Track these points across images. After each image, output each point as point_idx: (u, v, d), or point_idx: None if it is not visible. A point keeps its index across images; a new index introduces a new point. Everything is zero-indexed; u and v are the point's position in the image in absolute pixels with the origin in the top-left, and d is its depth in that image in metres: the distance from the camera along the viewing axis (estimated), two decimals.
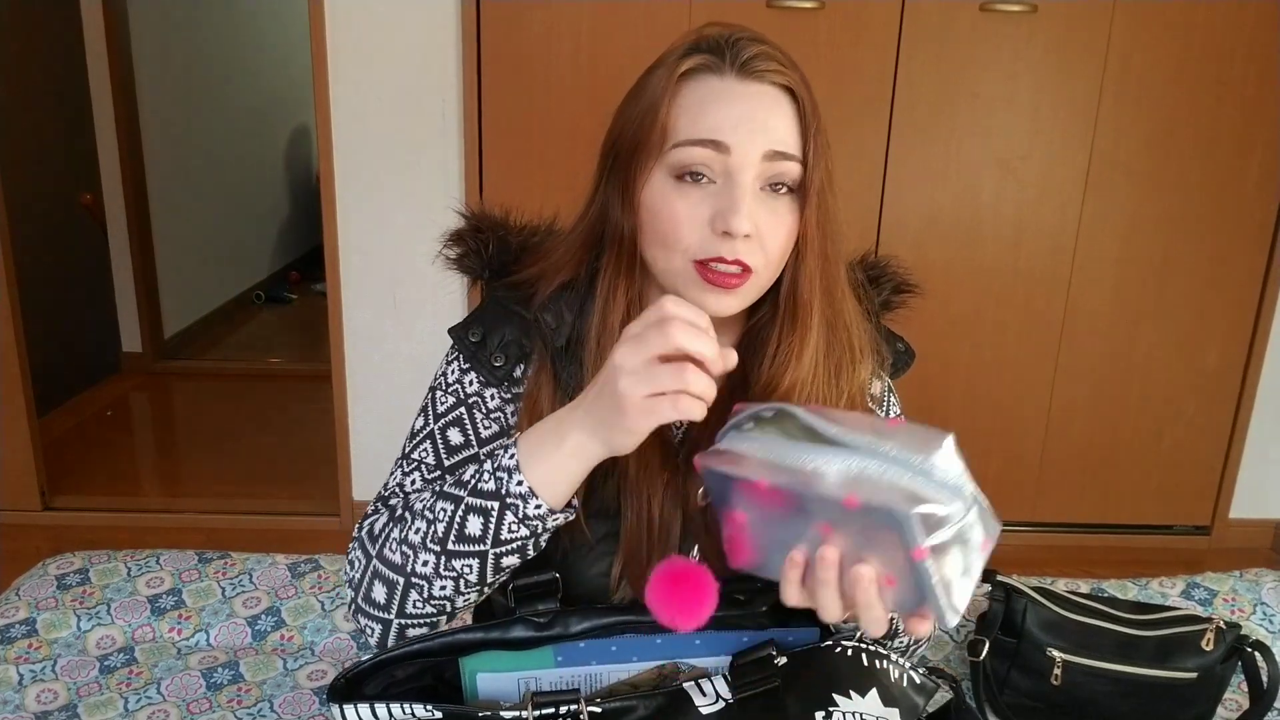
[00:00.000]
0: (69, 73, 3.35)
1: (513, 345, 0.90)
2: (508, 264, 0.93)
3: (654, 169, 0.83)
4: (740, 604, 0.87)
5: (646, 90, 0.84)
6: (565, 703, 0.79)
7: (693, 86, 0.82)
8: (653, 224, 0.83)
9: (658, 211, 0.82)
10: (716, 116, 0.81)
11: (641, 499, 0.86)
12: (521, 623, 0.84)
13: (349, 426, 2.60)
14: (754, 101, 0.82)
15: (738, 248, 0.80)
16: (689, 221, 0.81)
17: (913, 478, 0.64)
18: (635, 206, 0.84)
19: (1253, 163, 2.40)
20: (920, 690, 0.86)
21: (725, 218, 0.79)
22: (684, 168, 0.81)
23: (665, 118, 0.82)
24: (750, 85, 0.82)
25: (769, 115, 0.82)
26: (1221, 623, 1.31)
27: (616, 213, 0.86)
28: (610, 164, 0.87)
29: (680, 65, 0.83)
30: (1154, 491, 2.65)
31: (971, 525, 0.65)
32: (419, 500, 0.84)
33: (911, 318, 1.02)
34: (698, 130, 0.81)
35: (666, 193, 0.82)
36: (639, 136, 0.83)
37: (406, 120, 2.38)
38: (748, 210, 0.79)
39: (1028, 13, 2.28)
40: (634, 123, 0.84)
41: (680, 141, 0.81)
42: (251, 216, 4.68)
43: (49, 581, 1.52)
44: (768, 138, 0.81)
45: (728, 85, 0.82)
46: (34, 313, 2.77)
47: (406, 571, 0.83)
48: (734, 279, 0.81)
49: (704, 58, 0.83)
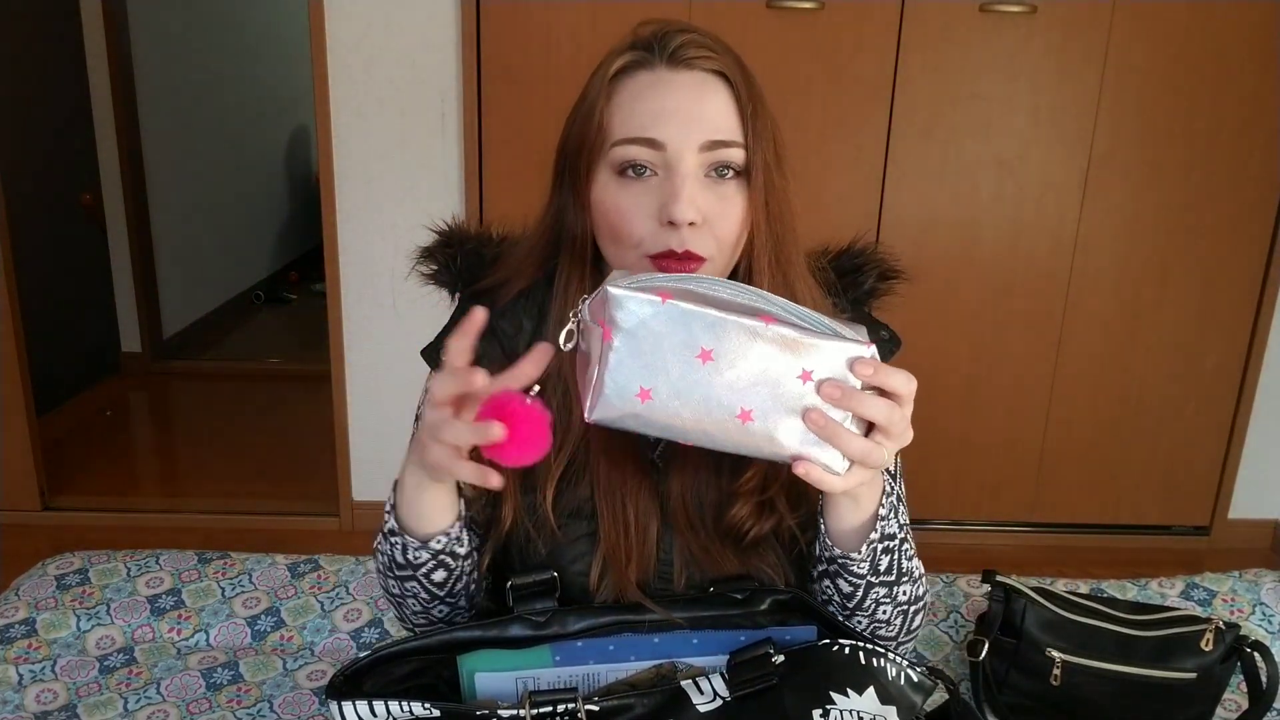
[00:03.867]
0: (69, 73, 3.35)
1: (483, 359, 0.91)
2: (481, 276, 0.94)
3: (598, 168, 0.85)
4: (738, 603, 0.87)
5: (587, 94, 0.86)
6: (563, 701, 0.80)
7: (626, 84, 0.84)
8: (603, 221, 0.85)
9: (606, 209, 0.84)
10: (649, 111, 0.82)
11: (616, 501, 0.87)
12: (519, 621, 0.85)
13: (348, 426, 2.60)
14: (685, 91, 0.83)
15: (685, 237, 0.81)
16: (636, 215, 0.83)
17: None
18: (586, 206, 0.86)
19: (1252, 163, 2.40)
20: (918, 688, 0.86)
21: (668, 208, 0.81)
22: (624, 164, 0.83)
23: (602, 118, 0.84)
24: (680, 74, 0.83)
25: (702, 104, 0.83)
26: (1221, 623, 1.31)
27: (570, 214, 0.88)
28: (561, 168, 0.89)
29: (612, 64, 0.85)
30: (1153, 492, 2.65)
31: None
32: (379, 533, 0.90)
33: (911, 317, 1.02)
34: (631, 128, 0.82)
35: (611, 189, 0.84)
36: (581, 139, 0.85)
37: (406, 120, 2.38)
38: (688, 197, 0.81)
39: (1027, 13, 2.28)
40: (577, 126, 0.86)
41: (617, 140, 0.83)
42: (251, 216, 4.68)
43: (49, 581, 1.52)
44: (703, 127, 0.82)
45: (658, 77, 0.83)
46: (34, 313, 2.77)
47: (391, 592, 0.91)
48: (687, 266, 0.82)
49: (635, 54, 0.84)
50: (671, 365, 0.70)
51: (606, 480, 0.87)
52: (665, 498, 0.89)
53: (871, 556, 0.84)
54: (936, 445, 2.55)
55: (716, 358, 0.70)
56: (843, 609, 0.89)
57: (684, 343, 0.70)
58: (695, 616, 0.86)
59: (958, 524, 2.65)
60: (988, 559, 1.83)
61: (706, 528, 0.89)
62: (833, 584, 0.88)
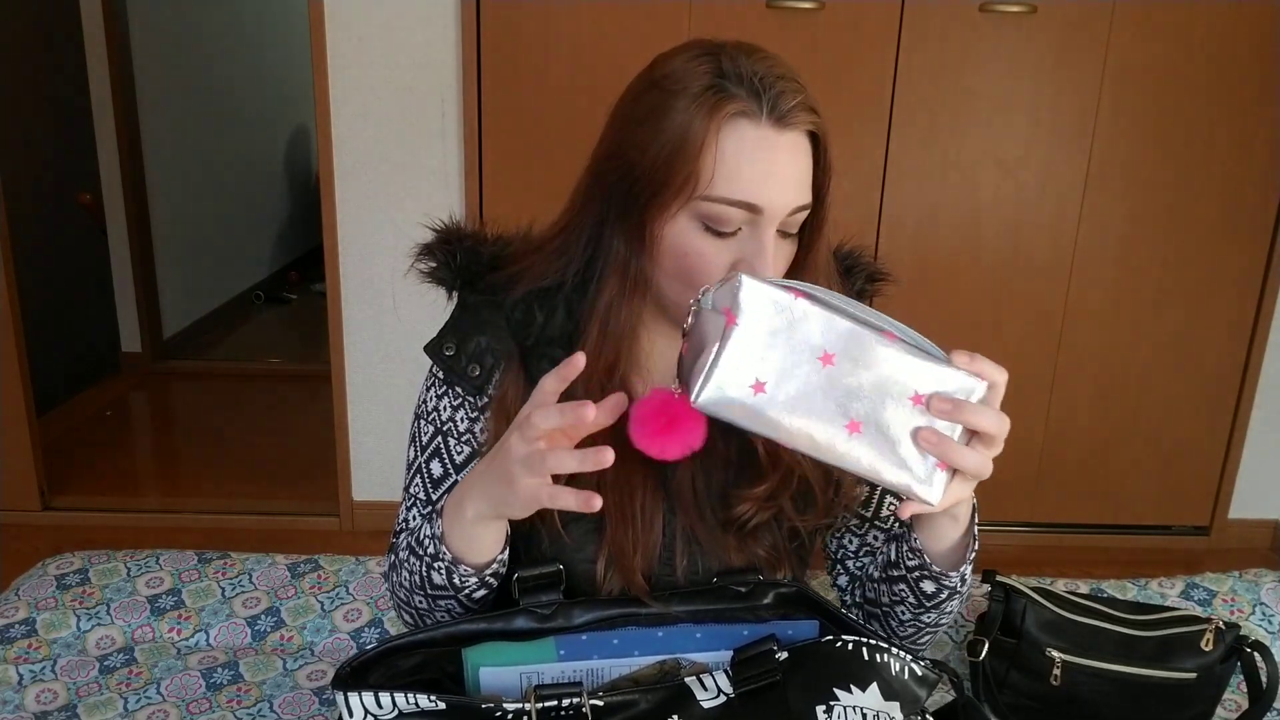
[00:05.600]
0: (69, 73, 3.35)
1: (486, 354, 0.91)
2: (479, 274, 0.94)
3: (679, 211, 0.82)
4: (741, 596, 0.88)
5: (672, 123, 0.80)
6: (567, 696, 0.80)
7: (729, 134, 0.80)
8: (673, 262, 0.84)
9: (684, 254, 0.83)
10: (753, 174, 0.80)
11: (622, 492, 0.87)
12: (524, 614, 0.85)
13: (348, 426, 2.60)
14: (787, 155, 0.81)
15: None
16: (715, 264, 0.83)
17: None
18: (651, 241, 0.84)
19: (1253, 163, 2.40)
20: (922, 682, 0.86)
21: (750, 266, 0.81)
22: (714, 220, 0.81)
23: (701, 164, 0.80)
24: (784, 136, 0.81)
25: (798, 168, 0.82)
26: (1221, 623, 1.31)
27: (621, 240, 0.86)
28: (616, 186, 0.85)
29: (719, 109, 0.79)
30: (1153, 492, 2.65)
31: None
32: (402, 549, 0.91)
33: (910, 317, 1.03)
34: (734, 190, 0.80)
35: (692, 237, 0.83)
36: (667, 175, 0.81)
37: (406, 120, 2.38)
38: (772, 259, 0.82)
39: (1027, 13, 2.28)
40: (659, 157, 0.81)
41: (714, 197, 0.80)
42: (251, 216, 4.68)
43: (49, 581, 1.52)
44: (795, 194, 0.82)
45: (763, 136, 0.80)
46: (34, 313, 2.77)
47: (413, 606, 0.91)
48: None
49: (742, 103, 0.80)
50: (791, 361, 0.69)
51: (614, 472, 0.87)
52: (671, 483, 0.89)
53: (968, 568, 0.88)
54: None
55: (838, 363, 0.69)
56: (917, 606, 0.91)
57: (807, 342, 0.69)
58: (698, 610, 0.87)
59: None
60: (988, 559, 1.82)
61: (711, 509, 0.91)
62: (913, 587, 0.90)
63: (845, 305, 0.72)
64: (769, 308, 0.69)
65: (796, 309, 0.69)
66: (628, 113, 0.85)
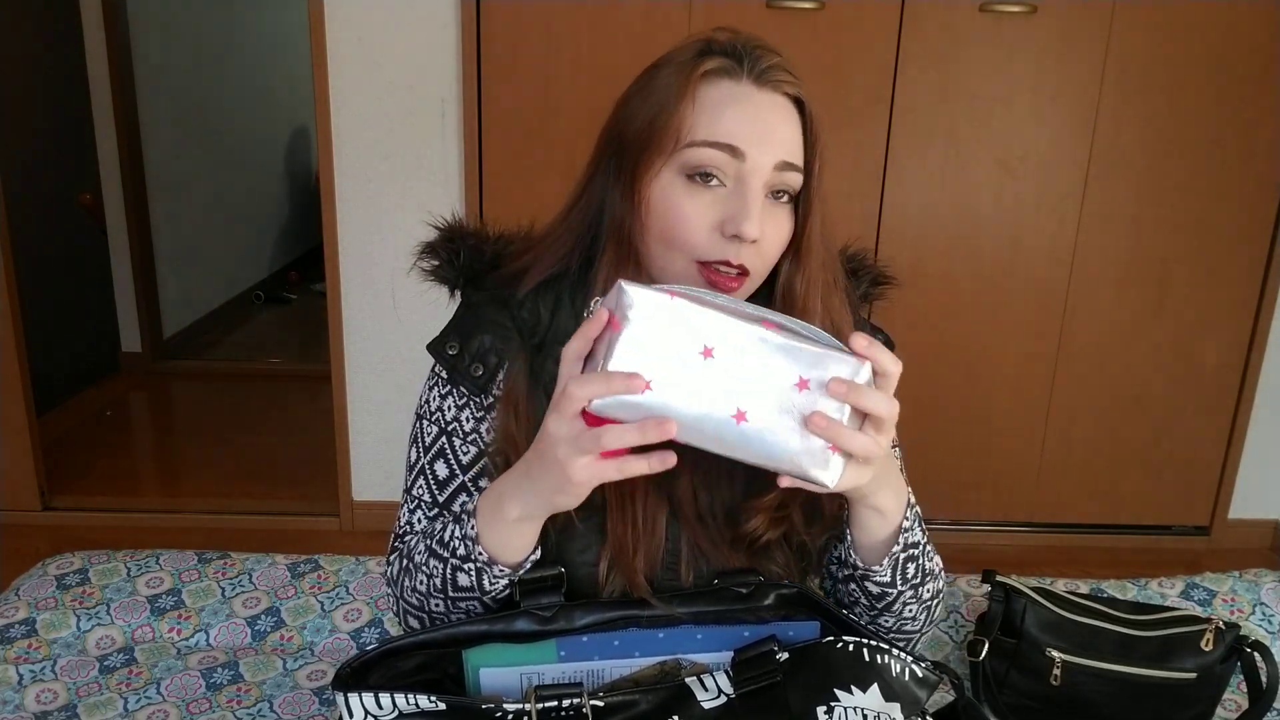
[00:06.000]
0: (69, 73, 3.35)
1: (490, 353, 0.91)
2: (482, 272, 0.94)
3: (663, 167, 0.83)
4: (742, 597, 0.87)
5: (658, 86, 0.84)
6: (568, 696, 0.80)
7: (709, 88, 0.83)
8: (658, 222, 0.84)
9: (665, 210, 0.83)
10: (733, 120, 0.82)
11: (625, 494, 0.87)
12: (525, 616, 0.85)
13: (349, 426, 2.60)
14: (769, 110, 0.83)
15: (742, 252, 0.82)
16: (697, 223, 0.82)
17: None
18: (639, 202, 0.84)
19: (1253, 163, 2.40)
20: (922, 684, 0.87)
21: (737, 223, 0.80)
22: (696, 168, 0.82)
23: (681, 116, 0.82)
24: (766, 93, 0.83)
25: (782, 125, 0.83)
26: (1221, 623, 1.31)
27: (616, 207, 0.86)
28: (612, 157, 0.87)
29: (699, 65, 0.83)
30: (1153, 492, 2.65)
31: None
32: (418, 552, 0.89)
33: (910, 317, 1.03)
34: (714, 133, 0.81)
35: (675, 191, 0.83)
36: (650, 132, 0.83)
37: (406, 120, 2.38)
38: (758, 216, 0.81)
39: (1027, 13, 2.28)
40: (645, 118, 0.84)
41: (695, 141, 0.82)
42: (251, 217, 4.68)
43: (49, 581, 1.52)
44: (780, 148, 0.83)
45: (745, 90, 0.83)
46: (34, 313, 2.77)
47: (426, 609, 0.90)
48: (734, 281, 0.83)
49: (722, 61, 0.84)
50: (673, 359, 0.71)
51: None
52: (674, 490, 0.89)
53: (895, 566, 0.86)
54: (937, 445, 2.55)
55: (718, 356, 0.71)
56: (870, 609, 0.91)
57: (687, 338, 0.71)
58: (700, 611, 0.87)
59: (958, 524, 2.65)
60: (988, 559, 1.83)
61: (716, 523, 0.90)
62: (860, 587, 0.89)
63: (725, 302, 0.74)
64: (649, 309, 0.71)
65: (676, 308, 0.71)
66: (623, 94, 0.88)
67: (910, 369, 1.00)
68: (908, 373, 1.00)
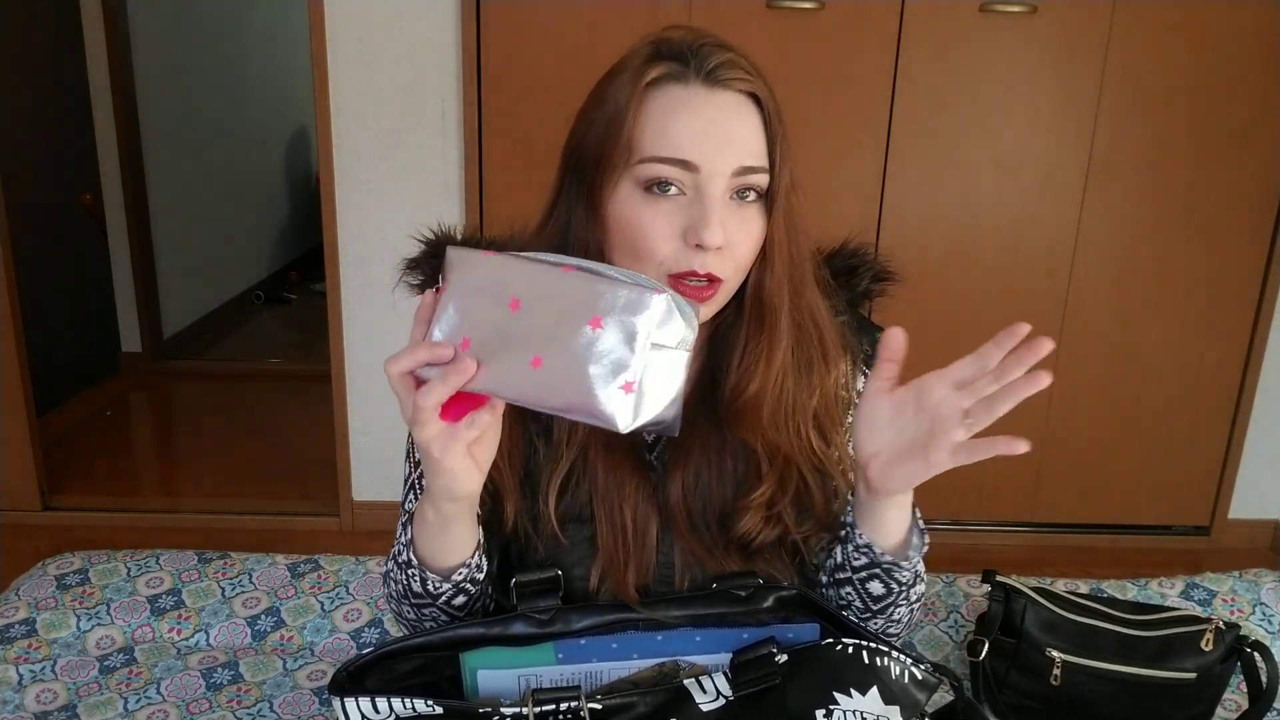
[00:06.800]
0: (69, 73, 3.35)
1: None
2: None
3: (620, 180, 0.82)
4: (741, 600, 0.87)
5: (608, 99, 0.83)
6: (566, 699, 0.79)
7: (657, 96, 0.81)
8: (622, 236, 0.83)
9: (627, 224, 0.82)
10: (683, 130, 0.80)
11: (614, 506, 0.87)
12: (523, 619, 0.85)
13: (349, 426, 2.60)
14: (720, 113, 0.81)
15: (709, 260, 0.80)
16: (660, 234, 0.81)
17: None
18: (602, 218, 0.83)
19: (1252, 163, 2.40)
20: (922, 686, 0.86)
21: (697, 231, 0.79)
22: (651, 181, 0.81)
23: (630, 130, 0.80)
24: (716, 94, 0.81)
25: (736, 126, 0.81)
26: (1221, 623, 1.31)
27: (580, 223, 0.85)
28: (572, 173, 0.86)
29: (645, 74, 0.81)
30: (1153, 492, 2.65)
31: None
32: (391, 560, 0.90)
33: (910, 317, 1.03)
34: (664, 147, 0.80)
35: (635, 204, 0.81)
36: (603, 148, 0.82)
37: (406, 120, 2.38)
38: (718, 222, 0.79)
39: (1027, 13, 2.28)
40: (597, 133, 0.83)
41: (646, 158, 0.80)
42: (251, 217, 4.68)
43: (49, 581, 1.52)
44: (735, 151, 0.80)
45: (693, 94, 0.81)
46: (34, 313, 2.76)
47: (406, 617, 0.91)
48: (706, 290, 0.82)
49: (669, 66, 0.82)
50: (487, 314, 0.71)
51: (604, 484, 0.87)
52: (665, 499, 0.89)
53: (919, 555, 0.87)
54: None
55: (524, 305, 0.71)
56: (864, 612, 0.90)
57: (499, 292, 0.71)
58: (698, 614, 0.86)
59: (958, 524, 2.65)
60: (988, 559, 1.83)
61: (710, 530, 0.89)
62: (859, 589, 0.88)
63: (538, 256, 0.73)
64: (467, 269, 0.72)
65: (489, 263, 0.72)
66: (581, 106, 0.88)
67: (909, 369, 1.00)
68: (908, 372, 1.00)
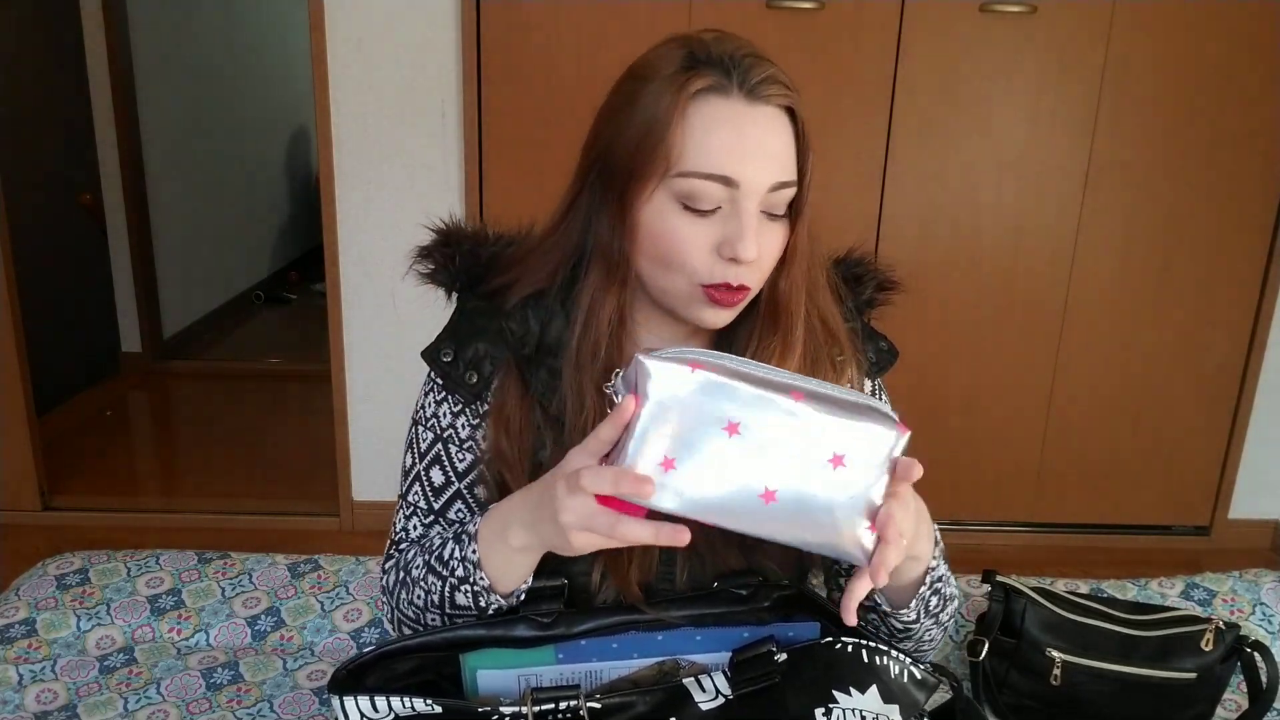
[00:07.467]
0: (69, 73, 3.35)
1: (485, 360, 0.90)
2: (479, 276, 0.93)
3: (655, 191, 0.81)
4: (741, 599, 0.87)
5: (643, 104, 0.81)
6: (565, 699, 0.80)
7: (698, 108, 0.80)
8: (653, 246, 0.82)
9: (661, 236, 0.82)
10: (725, 146, 0.79)
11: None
12: (524, 621, 0.85)
13: (349, 426, 2.60)
14: (759, 129, 0.80)
15: (741, 273, 0.81)
16: (695, 246, 0.81)
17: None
18: (631, 225, 0.83)
19: (1252, 163, 2.40)
20: (921, 685, 0.86)
21: (733, 246, 0.79)
22: (691, 198, 0.80)
23: (670, 140, 0.79)
24: (756, 109, 0.80)
25: (773, 142, 0.81)
26: (1221, 623, 1.31)
27: (604, 227, 0.85)
28: (598, 176, 0.85)
29: (686, 84, 0.79)
30: (1153, 492, 2.65)
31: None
32: (415, 566, 0.88)
33: (910, 317, 1.03)
34: (707, 163, 0.79)
35: (670, 217, 0.81)
36: (638, 156, 0.81)
37: (406, 120, 2.38)
38: (754, 237, 0.80)
39: (1027, 13, 2.28)
40: (629, 140, 0.81)
41: (688, 172, 0.79)
42: (251, 217, 4.68)
43: (49, 581, 1.52)
44: (773, 168, 0.81)
45: (735, 109, 0.80)
46: (34, 313, 2.77)
47: (423, 622, 0.89)
48: (735, 295, 0.82)
49: (711, 78, 0.80)
50: (697, 436, 0.68)
51: None
52: None
53: (922, 605, 0.86)
54: (937, 445, 2.55)
55: (743, 431, 0.68)
56: (891, 638, 0.90)
57: (711, 414, 0.68)
58: (699, 614, 0.86)
59: (958, 524, 2.65)
60: (988, 559, 1.82)
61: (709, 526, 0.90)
62: (883, 622, 0.89)
63: (748, 369, 0.70)
64: (670, 384, 0.68)
65: (697, 381, 0.68)
66: (606, 105, 0.86)
67: (910, 369, 1.00)
68: (908, 372, 1.00)
